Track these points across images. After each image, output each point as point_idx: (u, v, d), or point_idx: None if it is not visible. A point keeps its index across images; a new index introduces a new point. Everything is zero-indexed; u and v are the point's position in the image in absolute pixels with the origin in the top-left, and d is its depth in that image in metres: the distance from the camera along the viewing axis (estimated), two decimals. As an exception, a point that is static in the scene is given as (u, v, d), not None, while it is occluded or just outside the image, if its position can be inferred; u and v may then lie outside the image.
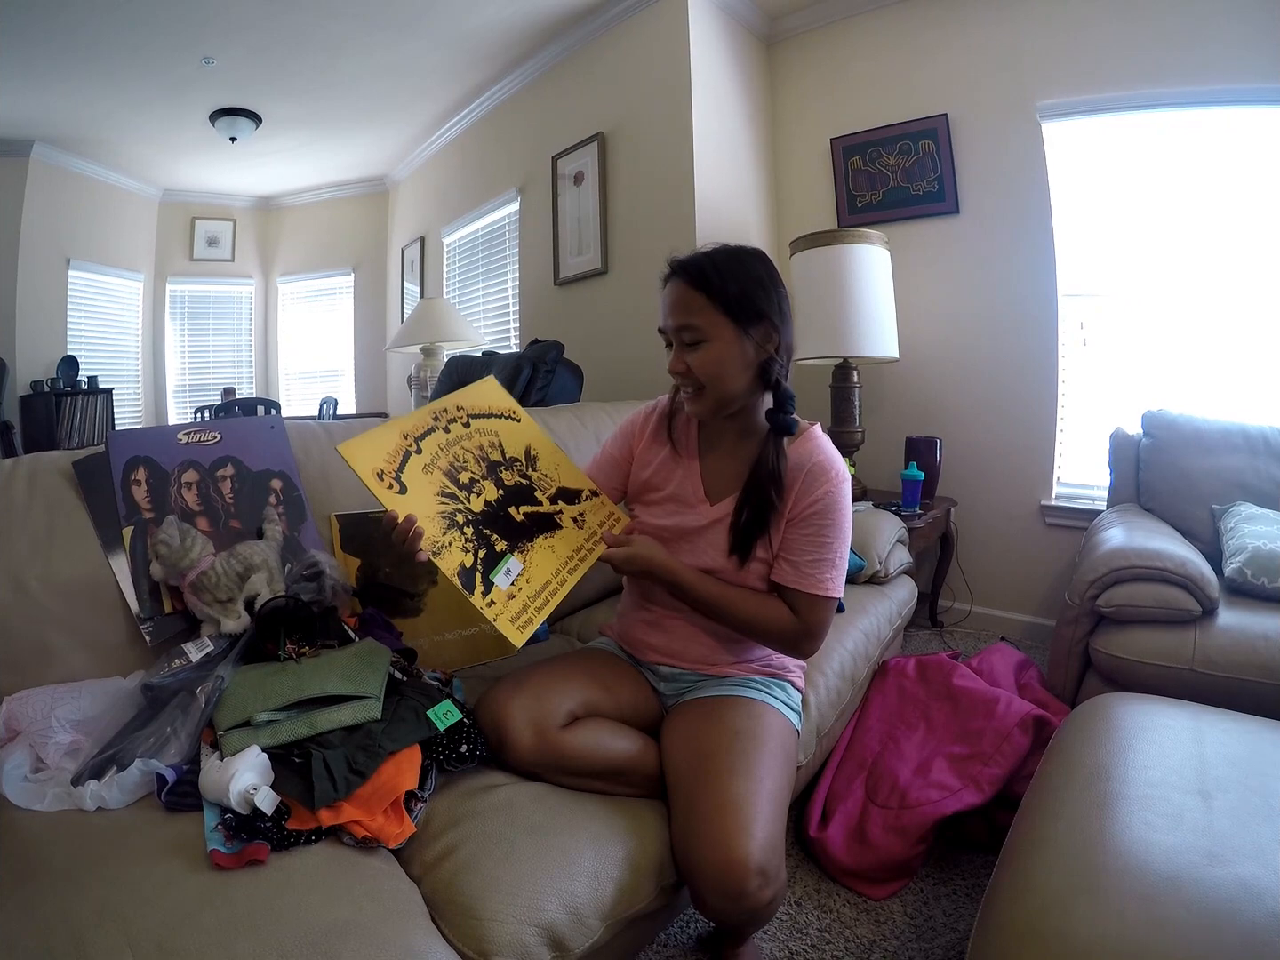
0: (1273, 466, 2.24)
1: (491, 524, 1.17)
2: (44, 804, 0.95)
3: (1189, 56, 2.48)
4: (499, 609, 1.09)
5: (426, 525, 1.08)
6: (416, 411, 1.19)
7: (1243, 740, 1.20)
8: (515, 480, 1.25)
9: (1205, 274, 2.60)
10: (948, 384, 3.10)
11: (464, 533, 1.13)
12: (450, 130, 4.80)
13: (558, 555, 1.21)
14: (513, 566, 1.15)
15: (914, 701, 1.90)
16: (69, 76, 3.90)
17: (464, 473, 1.19)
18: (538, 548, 1.20)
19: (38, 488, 1.26)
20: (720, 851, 0.96)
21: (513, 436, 1.30)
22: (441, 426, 1.21)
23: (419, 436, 1.17)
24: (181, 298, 6.15)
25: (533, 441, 1.32)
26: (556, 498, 1.28)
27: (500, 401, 1.33)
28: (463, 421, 1.24)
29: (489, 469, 1.23)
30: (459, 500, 1.16)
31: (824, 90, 3.37)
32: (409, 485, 1.11)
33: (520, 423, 1.32)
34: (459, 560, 1.10)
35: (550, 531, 1.24)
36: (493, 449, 1.26)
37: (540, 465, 1.30)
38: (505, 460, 1.26)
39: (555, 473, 1.31)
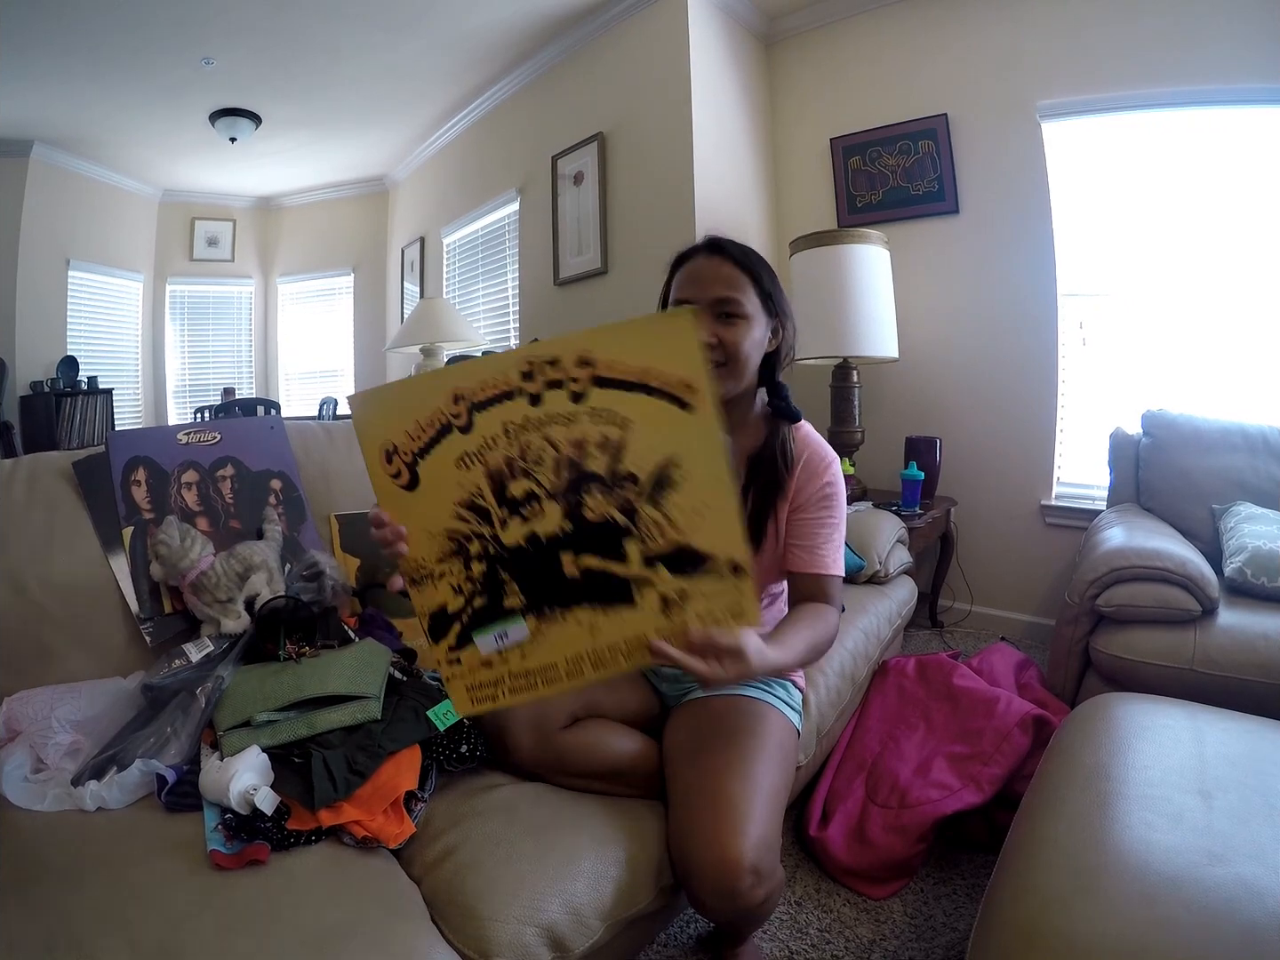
0: (1272, 466, 2.24)
1: (519, 569, 0.83)
2: (44, 804, 0.95)
3: (1188, 56, 2.48)
4: (460, 671, 0.85)
5: (421, 543, 0.83)
6: (497, 355, 0.79)
7: (1243, 740, 1.20)
8: (604, 513, 0.80)
9: (1204, 274, 2.60)
10: (947, 384, 3.10)
11: (470, 570, 0.83)
12: (450, 130, 4.80)
13: (593, 641, 0.83)
14: (513, 631, 0.83)
15: (914, 701, 1.90)
16: (69, 77, 3.90)
17: (521, 481, 0.81)
18: (569, 621, 0.83)
19: (38, 488, 1.26)
20: (714, 850, 0.96)
21: (653, 436, 0.79)
22: (529, 392, 0.78)
23: (480, 403, 0.79)
24: (181, 298, 6.15)
25: (688, 454, 0.79)
26: (659, 558, 0.81)
27: (667, 363, 0.77)
28: (573, 389, 0.78)
29: (570, 484, 0.80)
30: (487, 523, 0.82)
31: (823, 90, 3.37)
32: (425, 479, 0.81)
33: (690, 413, 0.77)
34: (440, 600, 0.84)
35: (606, 605, 0.82)
36: (598, 450, 0.79)
37: (673, 499, 0.79)
38: (609, 475, 0.80)
39: (690, 517, 0.80)
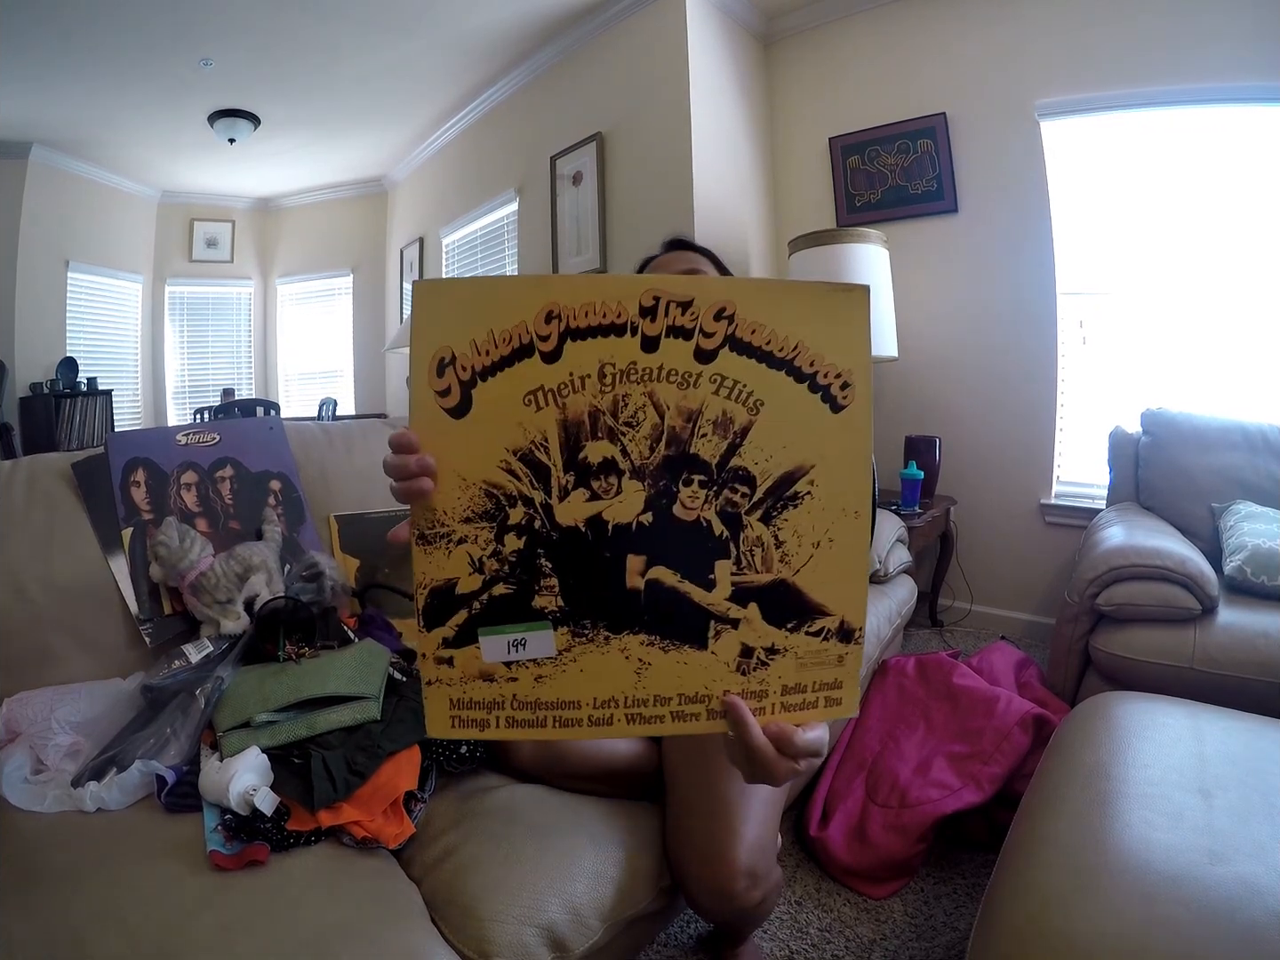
0: (1272, 464, 2.24)
1: (566, 559, 0.62)
2: (44, 805, 0.95)
3: (1186, 55, 2.48)
4: (449, 675, 0.64)
5: (449, 490, 0.60)
6: (617, 277, 0.61)
7: (1243, 738, 1.20)
8: (700, 515, 0.62)
9: (1204, 272, 2.60)
10: (947, 383, 3.11)
11: (501, 543, 0.61)
12: (449, 131, 4.80)
13: (637, 684, 0.63)
14: (534, 642, 0.62)
15: (914, 700, 1.90)
16: (68, 78, 3.90)
17: (603, 443, 0.60)
18: (612, 649, 0.63)
19: (37, 489, 1.26)
20: (708, 853, 0.96)
21: (788, 431, 0.61)
22: (646, 333, 0.59)
23: (578, 330, 0.59)
24: (180, 299, 6.15)
25: (826, 467, 0.61)
26: (754, 596, 0.62)
27: (826, 344, 0.60)
28: (701, 344, 0.59)
29: (665, 465, 0.61)
30: (543, 486, 0.61)
31: (822, 89, 3.37)
32: (480, 407, 0.59)
33: (841, 416, 0.60)
34: (449, 574, 0.62)
35: (671, 641, 0.63)
36: (713, 430, 0.60)
37: (792, 520, 0.62)
38: (718, 466, 0.61)
39: (806, 549, 0.62)
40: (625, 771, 1.15)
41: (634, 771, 1.16)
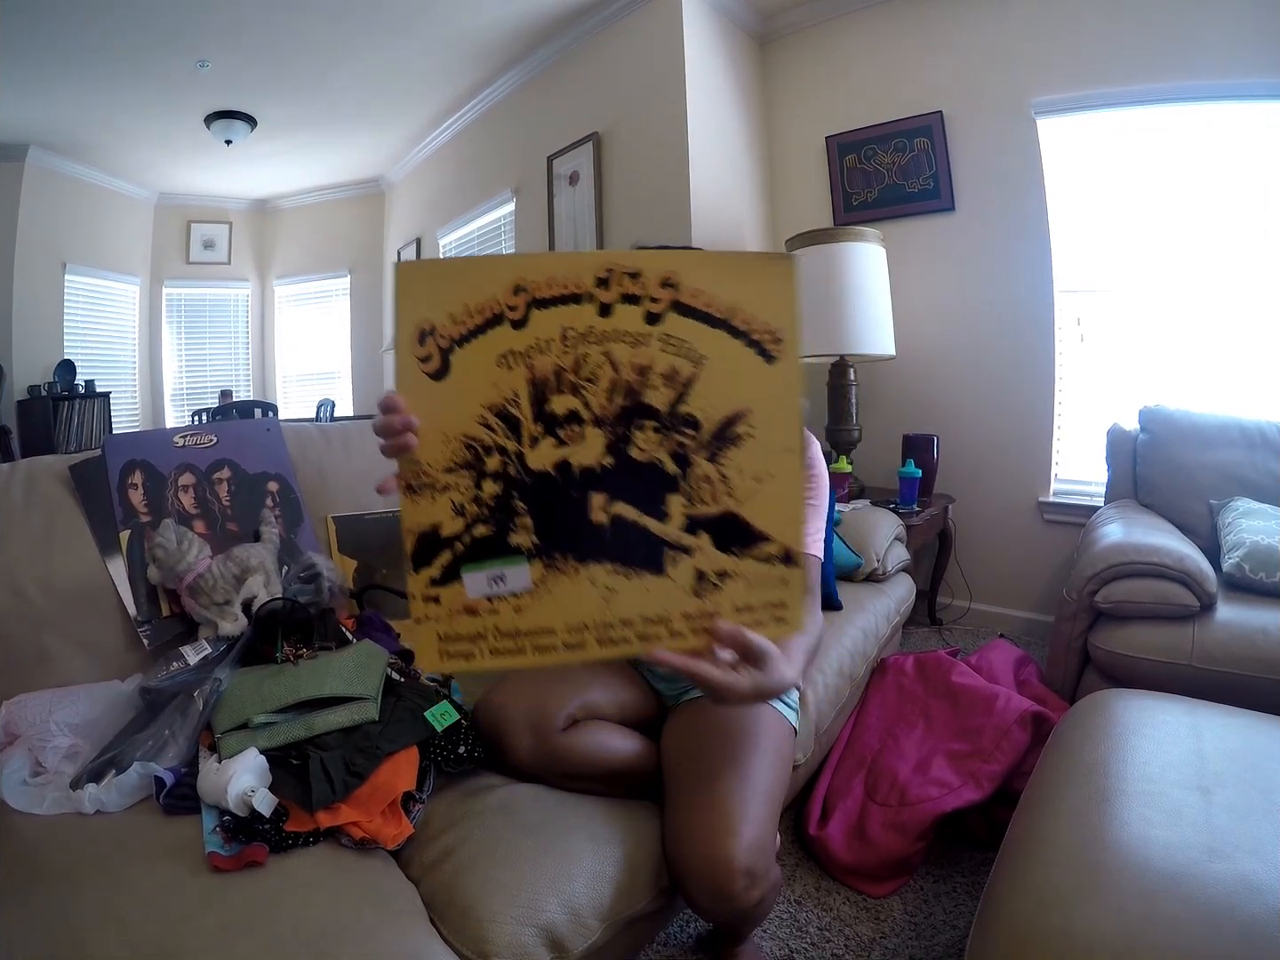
0: (1270, 461, 2.24)
1: (538, 500, 0.71)
2: (43, 807, 0.95)
3: (1183, 52, 2.48)
4: (436, 613, 0.71)
5: (433, 445, 0.69)
6: (575, 253, 0.67)
7: (1241, 735, 1.20)
8: (653, 455, 0.71)
9: (1201, 269, 2.60)
10: (945, 381, 3.11)
11: (480, 488, 0.70)
12: (445, 132, 4.80)
13: (605, 610, 0.72)
14: (512, 576, 0.70)
15: (913, 699, 1.90)
16: (64, 80, 3.89)
17: (567, 396, 0.70)
18: (581, 578, 0.71)
19: (35, 492, 1.26)
20: (706, 852, 0.96)
21: (727, 381, 0.70)
22: (601, 300, 0.68)
23: (543, 300, 0.68)
24: (178, 301, 6.14)
25: (761, 411, 0.70)
26: (705, 524, 0.71)
27: (758, 306, 0.69)
28: (650, 308, 0.69)
29: (621, 413, 0.70)
30: (515, 436, 0.70)
31: (818, 88, 3.37)
32: (457, 370, 0.69)
33: (773, 365, 0.70)
34: (435, 519, 0.70)
35: (633, 568, 0.71)
36: (663, 382, 0.70)
37: (735, 458, 0.71)
38: (668, 413, 0.70)
39: (749, 483, 0.71)
40: (623, 771, 1.15)
41: (632, 771, 1.16)
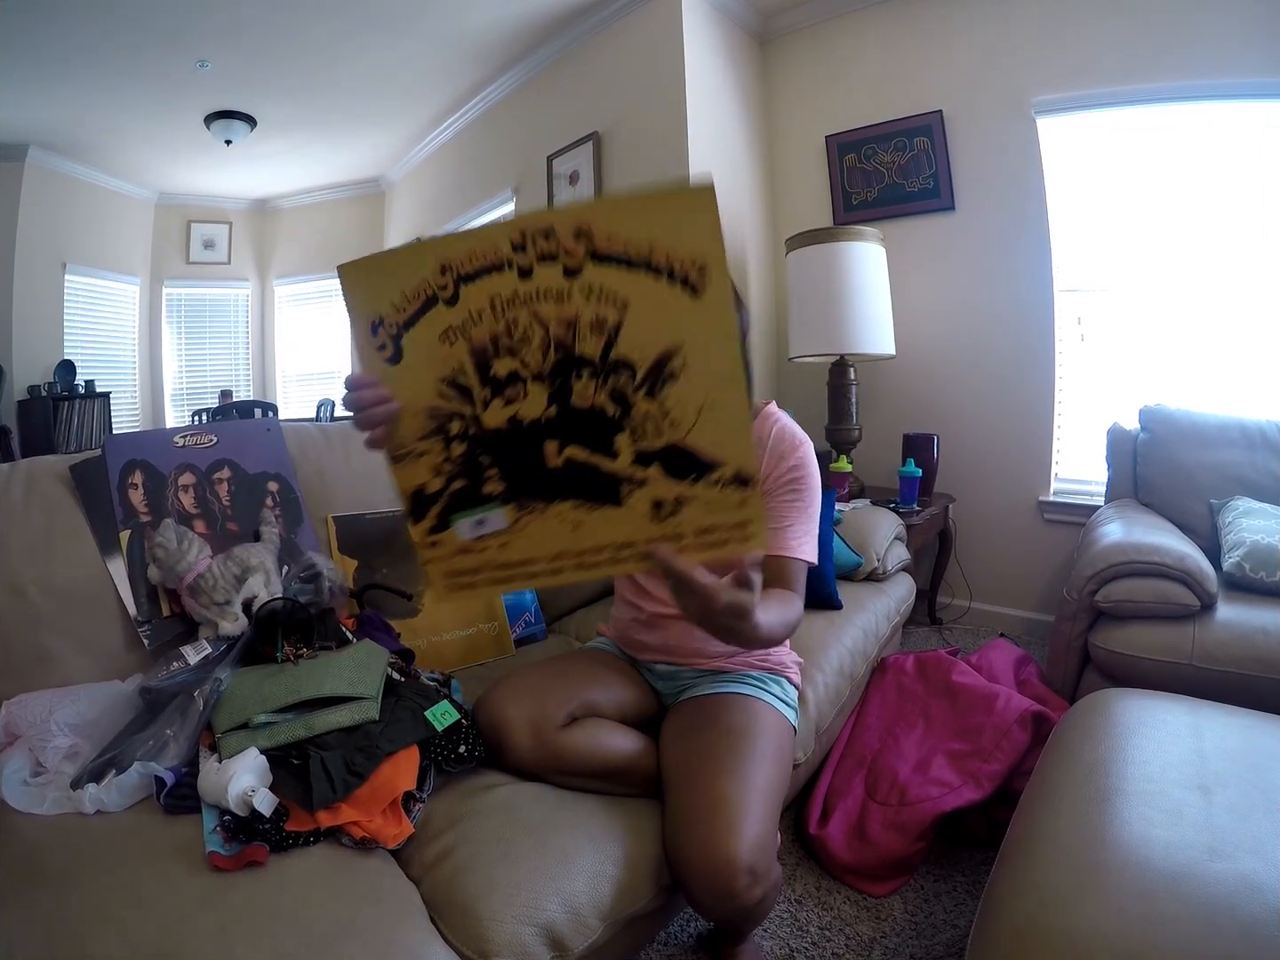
0: (1270, 461, 2.24)
1: (499, 454, 0.77)
2: (44, 807, 0.95)
3: (1183, 51, 2.48)
4: (438, 554, 0.80)
5: (404, 419, 0.78)
6: (488, 225, 0.72)
7: (1242, 735, 1.20)
8: (594, 402, 0.74)
9: (1202, 268, 2.60)
10: (945, 380, 3.10)
11: (449, 450, 0.77)
12: (445, 131, 4.79)
13: (576, 540, 0.77)
14: (491, 519, 0.78)
15: (913, 698, 1.90)
16: (64, 80, 3.89)
17: (507, 359, 0.74)
18: (549, 516, 0.77)
19: (35, 492, 1.26)
20: (709, 850, 0.96)
21: (655, 321, 0.70)
22: (519, 265, 0.70)
23: (467, 275, 0.72)
24: (178, 301, 6.14)
25: (694, 343, 0.70)
26: (653, 457, 0.74)
27: (678, 240, 0.67)
28: (567, 264, 0.70)
29: (557, 366, 0.73)
30: (469, 402, 0.76)
31: (818, 88, 3.36)
32: (409, 353, 0.76)
33: (699, 299, 0.68)
34: (419, 480, 0.79)
35: (592, 503, 0.76)
36: (591, 332, 0.72)
37: (673, 392, 0.72)
38: (601, 361, 0.72)
39: (691, 414, 0.72)
40: (623, 768, 1.15)
41: (632, 769, 1.16)
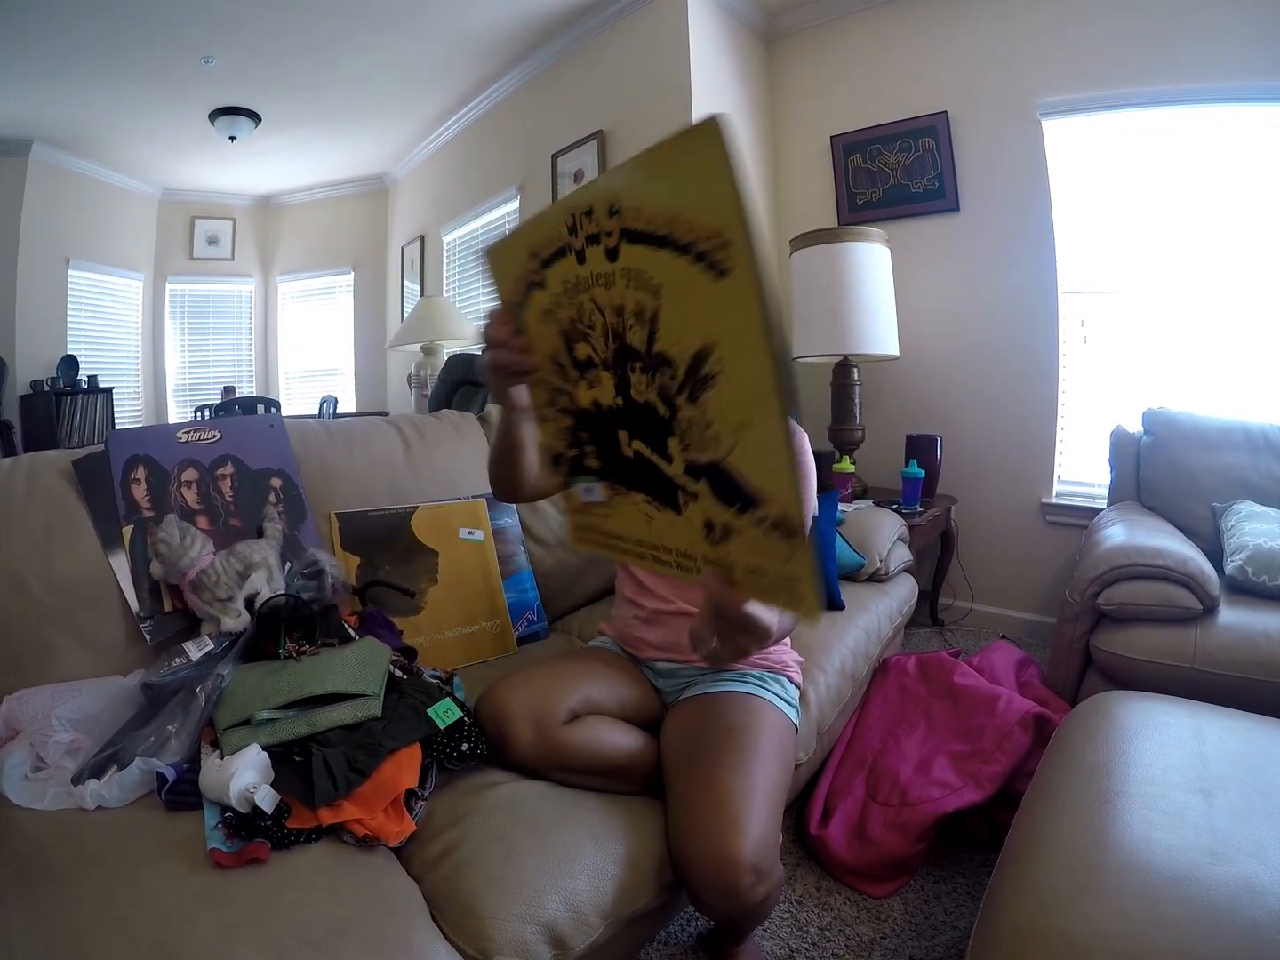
0: (1273, 464, 2.23)
1: (591, 432, 0.77)
2: (45, 803, 0.95)
3: (1188, 53, 2.47)
4: (570, 507, 0.85)
5: (533, 390, 0.83)
6: (553, 205, 0.68)
7: (1243, 738, 1.20)
8: (647, 398, 0.66)
9: (1206, 271, 2.60)
10: (948, 382, 3.10)
11: (559, 423, 0.81)
12: (450, 128, 4.79)
13: (650, 533, 0.74)
14: (594, 490, 0.79)
15: (915, 699, 1.90)
16: (68, 77, 3.90)
17: (583, 343, 0.72)
18: (629, 502, 0.75)
19: (38, 487, 1.26)
20: (712, 849, 0.96)
21: (687, 309, 0.59)
22: (576, 247, 0.66)
23: (546, 259, 0.71)
24: (181, 297, 6.15)
25: (725, 340, 0.56)
26: (702, 473, 0.64)
27: (695, 205, 0.54)
28: (607, 245, 0.63)
29: (616, 355, 0.68)
30: (566, 379, 0.76)
31: (823, 88, 3.36)
32: (529, 330, 0.79)
33: (723, 281, 0.53)
34: (549, 443, 0.84)
35: (658, 502, 0.70)
36: (636, 321, 0.64)
37: (713, 400, 0.59)
38: (647, 354, 0.64)
39: (730, 431, 0.59)
40: (624, 766, 1.15)
41: (633, 766, 1.16)
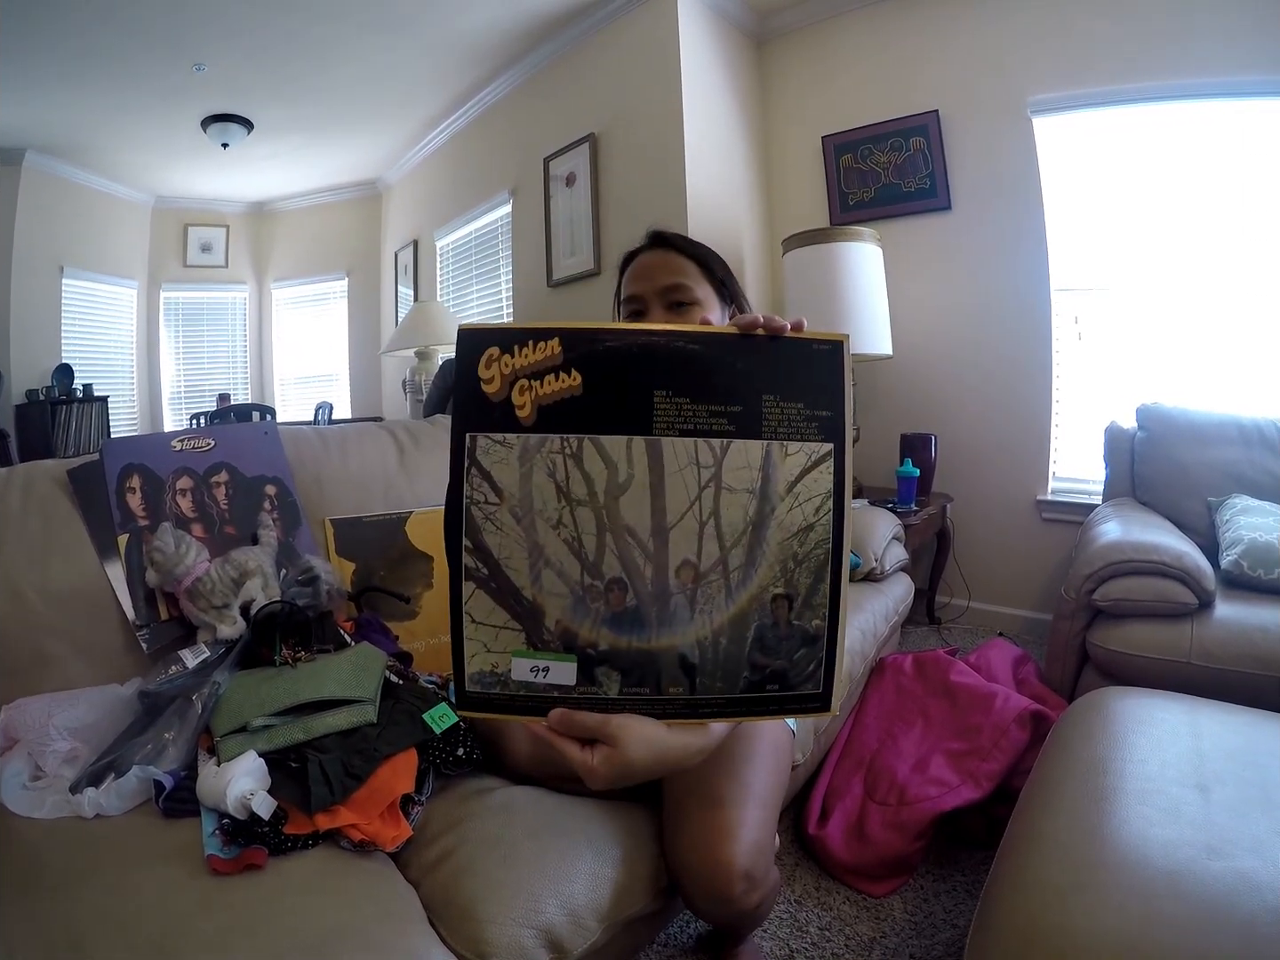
0: (1268, 458, 2.24)
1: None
2: (43, 812, 0.94)
3: (1179, 49, 2.48)
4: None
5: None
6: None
7: (1240, 733, 1.20)
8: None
9: (1198, 266, 2.61)
10: (942, 380, 3.11)
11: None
12: (442, 133, 4.80)
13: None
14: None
15: (912, 698, 1.91)
16: (61, 84, 3.89)
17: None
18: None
19: (33, 496, 1.25)
20: (705, 855, 0.95)
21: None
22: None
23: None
24: (175, 304, 6.15)
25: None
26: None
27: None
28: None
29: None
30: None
31: (815, 88, 3.37)
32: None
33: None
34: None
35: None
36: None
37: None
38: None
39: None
40: (624, 774, 1.15)
41: (632, 774, 1.15)
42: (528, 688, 0.70)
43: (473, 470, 0.69)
